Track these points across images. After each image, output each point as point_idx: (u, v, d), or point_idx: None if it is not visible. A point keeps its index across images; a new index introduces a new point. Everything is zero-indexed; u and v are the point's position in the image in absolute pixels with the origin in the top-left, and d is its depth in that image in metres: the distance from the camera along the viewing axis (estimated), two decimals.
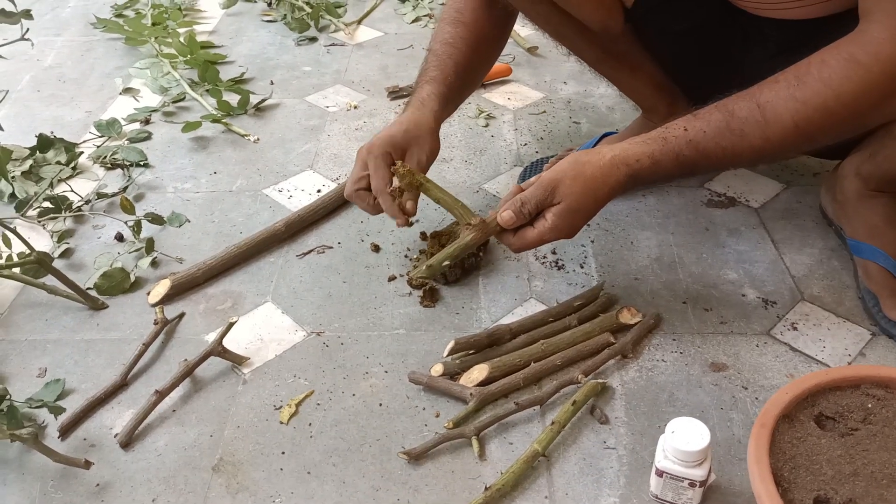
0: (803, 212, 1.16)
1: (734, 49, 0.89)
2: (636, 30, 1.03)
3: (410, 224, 0.99)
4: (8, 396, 0.80)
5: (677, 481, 0.72)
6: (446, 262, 0.91)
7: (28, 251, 0.98)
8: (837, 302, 1.00)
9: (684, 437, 0.71)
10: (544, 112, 1.45)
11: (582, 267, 1.06)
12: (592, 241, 1.11)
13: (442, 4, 1.90)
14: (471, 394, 0.85)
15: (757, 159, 0.82)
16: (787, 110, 0.77)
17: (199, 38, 1.69)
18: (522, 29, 1.70)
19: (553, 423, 0.81)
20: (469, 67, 1.06)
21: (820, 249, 1.09)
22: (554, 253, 1.09)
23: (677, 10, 0.99)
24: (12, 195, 1.19)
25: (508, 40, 1.12)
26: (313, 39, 1.76)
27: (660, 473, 0.73)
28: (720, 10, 0.98)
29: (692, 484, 0.72)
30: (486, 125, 1.41)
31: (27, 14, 0.74)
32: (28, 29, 0.83)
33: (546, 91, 1.53)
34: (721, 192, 1.21)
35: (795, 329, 0.96)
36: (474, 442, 0.81)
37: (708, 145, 0.82)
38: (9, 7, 0.76)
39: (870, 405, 0.66)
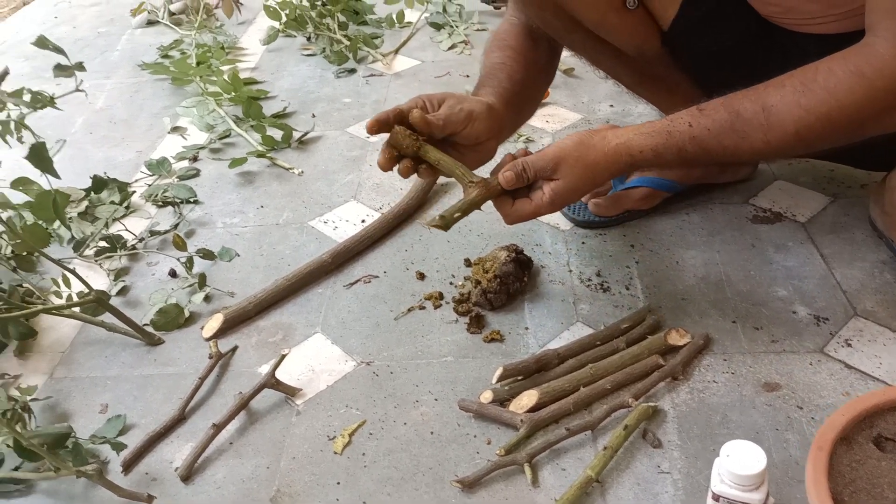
0: (852, 225, 1.15)
1: (773, 66, 0.89)
2: (672, 51, 1.04)
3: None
4: (73, 434, 0.83)
5: None
6: (457, 215, 0.89)
7: (87, 290, 1.02)
8: (892, 316, 0.98)
9: (740, 461, 0.70)
10: (580, 131, 1.45)
11: (628, 289, 1.06)
12: (637, 262, 1.11)
13: (477, 30, 1.93)
14: (521, 420, 0.86)
15: (754, 158, 0.92)
16: (791, 116, 0.80)
17: (242, 75, 1.73)
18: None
19: (606, 448, 0.81)
20: (521, 83, 1.02)
21: (871, 263, 1.07)
22: (599, 275, 1.09)
23: (714, 32, 0.99)
24: (70, 237, 1.24)
25: None
26: (352, 71, 1.79)
27: (716, 498, 0.72)
28: (757, 29, 0.98)
29: None
30: (525, 148, 1.41)
31: (80, 66, 0.78)
32: (82, 80, 0.87)
33: (584, 112, 1.53)
34: (766, 208, 1.19)
35: (849, 345, 0.94)
36: (527, 469, 0.81)
37: (710, 143, 0.85)
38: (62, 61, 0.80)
39: None
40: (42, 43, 0.87)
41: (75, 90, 0.87)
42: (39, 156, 0.83)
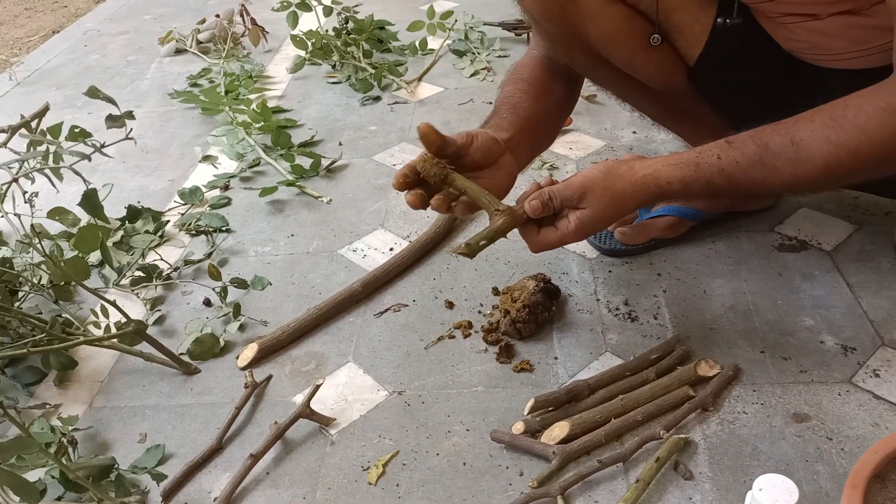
0: (878, 253, 1.15)
1: (799, 101, 0.91)
2: (699, 86, 1.05)
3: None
4: (116, 466, 0.85)
5: None
6: (483, 242, 0.89)
7: (125, 320, 1.04)
8: None
9: (772, 495, 0.71)
10: (607, 160, 1.47)
11: (656, 318, 1.07)
12: (665, 291, 1.12)
13: (499, 57, 1.96)
14: (553, 452, 0.87)
15: (782, 191, 0.92)
16: (821, 151, 0.81)
17: (269, 103, 1.76)
18: None
19: (638, 480, 0.82)
20: (529, 112, 1.03)
21: None
22: (626, 304, 1.10)
23: (740, 67, 1.01)
24: (104, 265, 1.27)
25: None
26: (377, 99, 1.82)
27: None
28: (783, 64, 0.99)
29: None
30: (551, 176, 1.44)
31: (130, 115, 0.80)
32: (132, 129, 0.90)
33: (607, 139, 1.55)
34: (792, 236, 1.20)
35: (878, 376, 0.95)
36: (560, 501, 0.82)
37: (739, 175, 0.86)
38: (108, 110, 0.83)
39: None
40: (93, 93, 0.90)
41: (125, 138, 0.90)
42: (91, 202, 0.86)
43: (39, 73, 2.24)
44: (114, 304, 1.03)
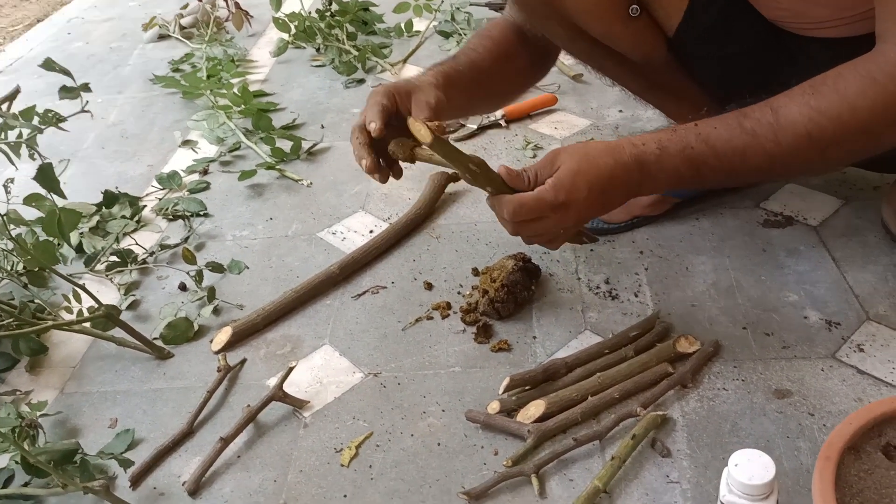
0: (864, 228, 1.13)
1: (781, 71, 0.89)
2: (679, 58, 1.03)
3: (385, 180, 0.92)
4: (80, 450, 0.83)
5: None
6: (448, 147, 0.83)
7: (97, 305, 1.02)
8: None
9: (748, 471, 0.69)
10: (592, 139, 1.45)
11: (636, 296, 1.05)
12: (646, 269, 1.10)
13: None
14: (528, 430, 0.85)
15: (768, 167, 0.83)
16: (801, 116, 0.79)
17: (252, 88, 1.74)
18: (566, 57, 1.71)
19: (613, 458, 0.80)
20: (486, 72, 1.01)
21: (884, 266, 1.05)
22: (607, 283, 1.08)
23: (720, 38, 0.98)
24: (80, 250, 1.25)
25: (552, 69, 1.15)
26: (361, 81, 1.80)
27: None
28: (764, 34, 0.97)
29: None
30: (534, 156, 1.41)
31: (86, 87, 0.78)
32: (87, 101, 0.88)
33: (593, 118, 1.53)
34: (778, 212, 1.18)
35: (862, 350, 0.93)
36: (534, 479, 0.80)
37: (717, 142, 0.83)
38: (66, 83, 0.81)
39: None
40: (49, 65, 0.88)
41: (81, 111, 0.88)
42: (47, 176, 0.85)
43: (22, 62, 2.22)
44: (83, 287, 1.01)
